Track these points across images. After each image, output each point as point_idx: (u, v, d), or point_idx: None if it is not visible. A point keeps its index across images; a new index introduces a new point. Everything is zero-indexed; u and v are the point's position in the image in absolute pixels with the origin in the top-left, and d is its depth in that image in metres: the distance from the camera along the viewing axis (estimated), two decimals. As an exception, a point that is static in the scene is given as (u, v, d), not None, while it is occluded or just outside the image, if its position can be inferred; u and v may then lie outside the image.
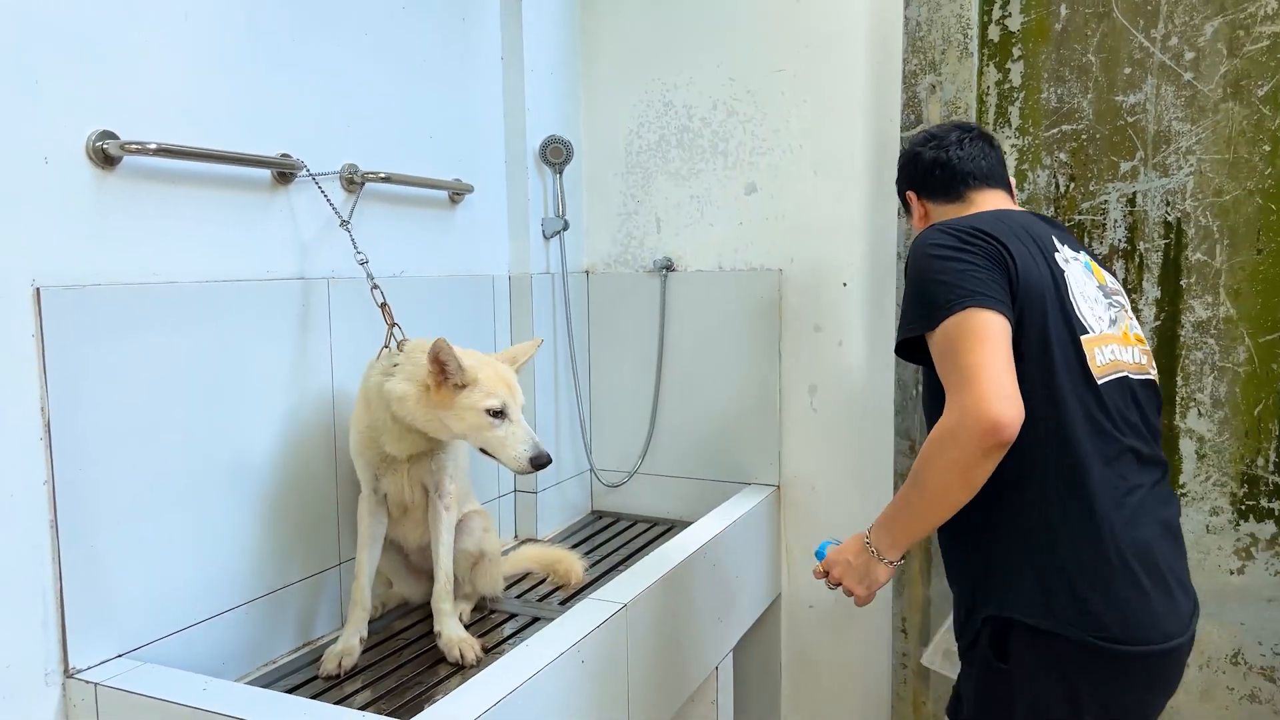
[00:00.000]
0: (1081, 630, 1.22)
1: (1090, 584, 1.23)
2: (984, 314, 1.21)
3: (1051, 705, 1.26)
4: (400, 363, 1.57)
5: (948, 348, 1.22)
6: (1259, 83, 1.92)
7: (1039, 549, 1.26)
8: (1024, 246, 1.31)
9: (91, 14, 1.34)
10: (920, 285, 1.30)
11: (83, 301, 1.33)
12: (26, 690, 1.29)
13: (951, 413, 1.19)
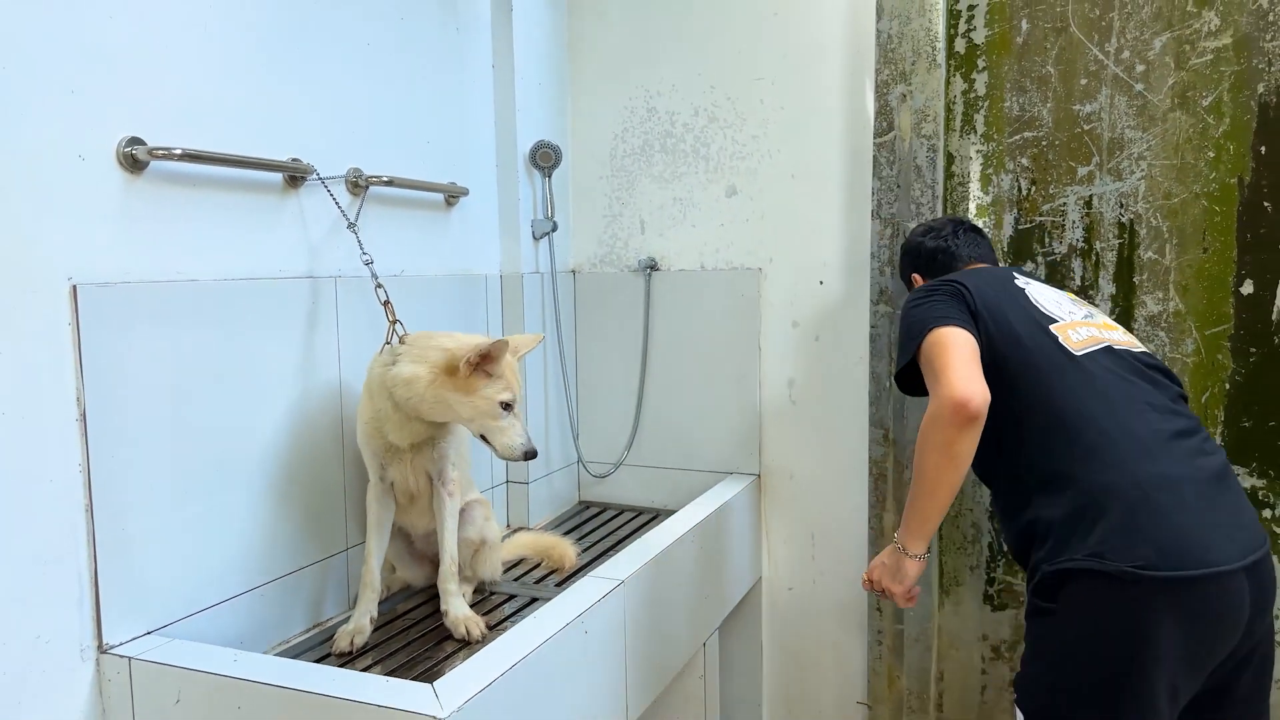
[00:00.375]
0: (1119, 561, 1.31)
1: (1117, 518, 1.34)
2: (946, 329, 1.52)
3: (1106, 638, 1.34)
4: (402, 352, 1.66)
5: (926, 362, 1.53)
6: (1203, 94, 2.07)
7: (1060, 498, 1.40)
8: (980, 281, 1.64)
9: (120, 27, 1.43)
10: (903, 329, 1.64)
11: (114, 298, 1.41)
12: (63, 665, 1.37)
13: (930, 405, 1.48)
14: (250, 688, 1.32)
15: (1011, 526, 1.55)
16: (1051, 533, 1.41)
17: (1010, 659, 2.35)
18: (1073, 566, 1.36)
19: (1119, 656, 1.33)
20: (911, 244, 2.01)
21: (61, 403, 1.35)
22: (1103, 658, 1.34)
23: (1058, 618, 1.39)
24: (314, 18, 1.80)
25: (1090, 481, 1.39)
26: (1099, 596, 1.34)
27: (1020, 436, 1.48)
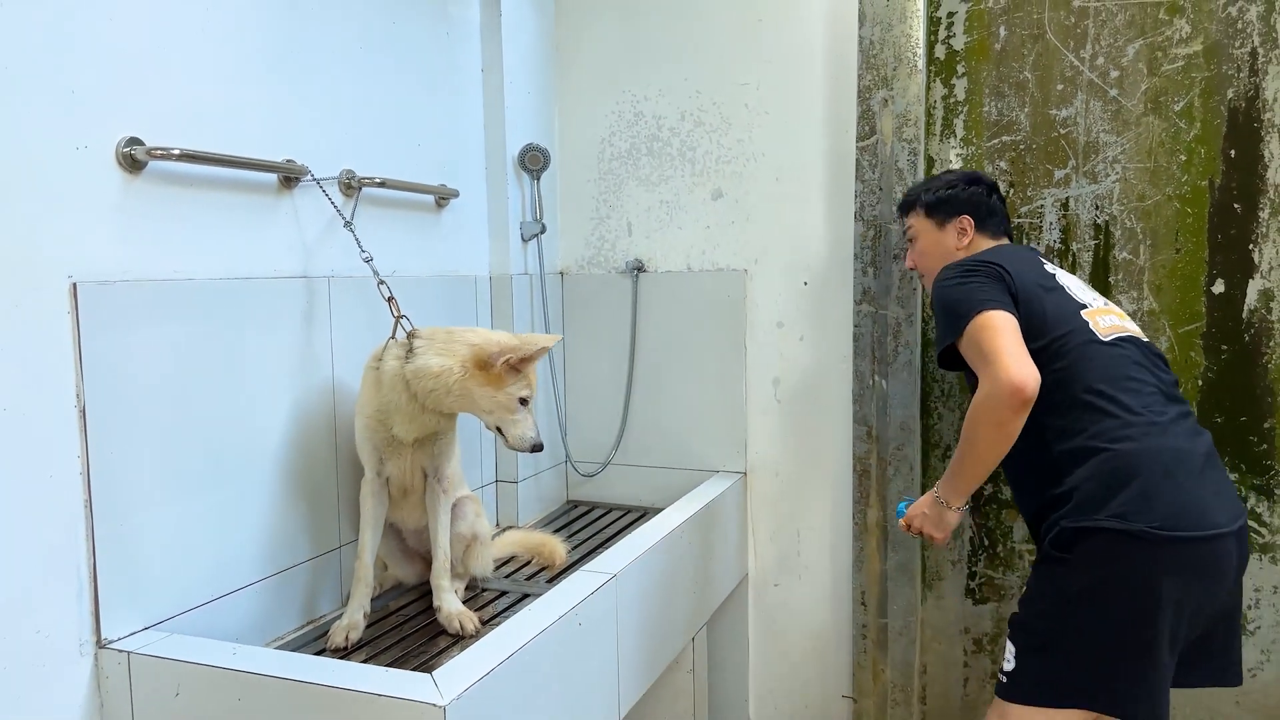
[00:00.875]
0: (1136, 522, 1.49)
1: (1141, 486, 1.52)
2: (993, 313, 1.60)
3: (1112, 587, 1.52)
4: (421, 345, 1.69)
5: (972, 343, 1.61)
6: (1175, 99, 2.13)
7: (1096, 466, 1.55)
8: (1018, 264, 1.73)
9: (119, 29, 1.45)
10: (944, 309, 1.70)
11: (113, 296, 1.43)
12: (62, 660, 1.38)
13: (984, 385, 1.57)
14: (250, 679, 1.34)
15: (1035, 491, 1.67)
16: (1074, 496, 1.56)
17: (991, 651, 2.40)
18: (1093, 525, 1.52)
19: (1130, 606, 1.51)
20: (976, 194, 1.95)
21: (61, 399, 1.37)
22: (1112, 605, 1.52)
23: (1070, 566, 1.55)
24: (308, 21, 1.83)
25: (1116, 453, 1.55)
26: (1118, 552, 1.51)
27: (1052, 410, 1.60)
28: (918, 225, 2.01)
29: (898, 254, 2.30)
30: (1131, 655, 1.52)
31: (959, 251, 1.92)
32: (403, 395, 1.69)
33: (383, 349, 1.78)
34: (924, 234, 2.00)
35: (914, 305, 2.33)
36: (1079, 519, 1.54)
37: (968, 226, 1.94)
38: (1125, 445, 1.55)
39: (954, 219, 1.95)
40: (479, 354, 1.67)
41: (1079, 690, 1.55)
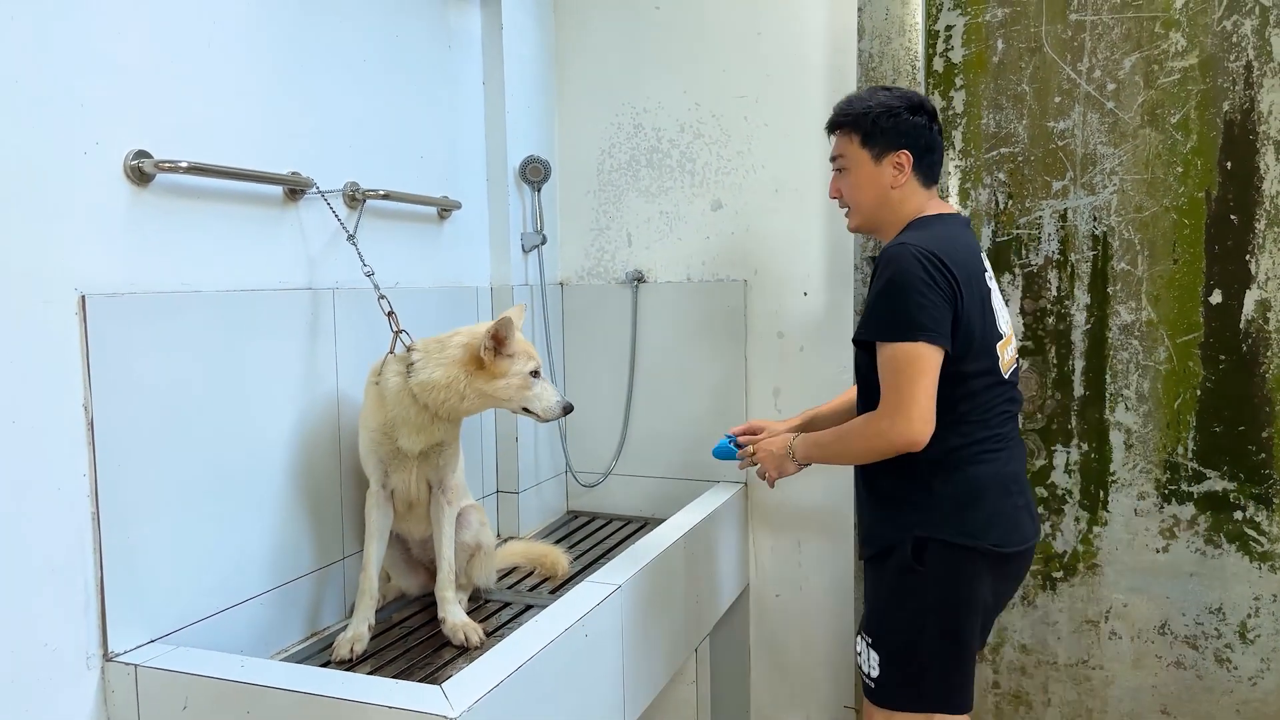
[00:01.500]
0: (984, 540, 1.63)
1: (990, 507, 1.65)
2: (929, 350, 1.55)
3: (957, 598, 1.65)
4: (419, 359, 1.69)
5: (896, 366, 1.56)
6: (1171, 111, 2.16)
7: (955, 485, 1.64)
8: (969, 275, 1.62)
9: (128, 44, 1.45)
10: (891, 299, 1.57)
11: (121, 308, 1.43)
12: (69, 673, 1.38)
13: (885, 419, 1.57)
14: (258, 692, 1.34)
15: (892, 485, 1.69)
16: (931, 505, 1.64)
17: (993, 661, 2.40)
18: (945, 540, 1.63)
19: (969, 613, 1.67)
20: (918, 124, 1.70)
21: (70, 411, 1.37)
22: (958, 614, 1.66)
23: (924, 579, 1.65)
24: (313, 35, 1.84)
25: (973, 474, 1.64)
26: (964, 567, 1.64)
27: (944, 423, 1.60)
28: (850, 153, 1.72)
29: (898, 265, 2.31)
30: (968, 656, 1.70)
31: (893, 190, 1.70)
32: (410, 409, 1.70)
33: (381, 364, 1.79)
34: (858, 166, 1.72)
35: (914, 316, 2.34)
36: (933, 530, 1.63)
37: (905, 162, 1.69)
38: (981, 468, 1.64)
39: (891, 153, 1.69)
40: (471, 353, 1.70)
41: (934, 693, 1.69)
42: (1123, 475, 2.26)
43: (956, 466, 1.63)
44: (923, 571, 1.64)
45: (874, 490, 1.74)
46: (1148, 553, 2.26)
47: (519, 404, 1.75)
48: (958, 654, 1.68)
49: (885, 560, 1.71)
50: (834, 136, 1.77)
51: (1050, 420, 2.31)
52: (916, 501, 1.65)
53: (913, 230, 1.67)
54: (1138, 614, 2.28)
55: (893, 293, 1.56)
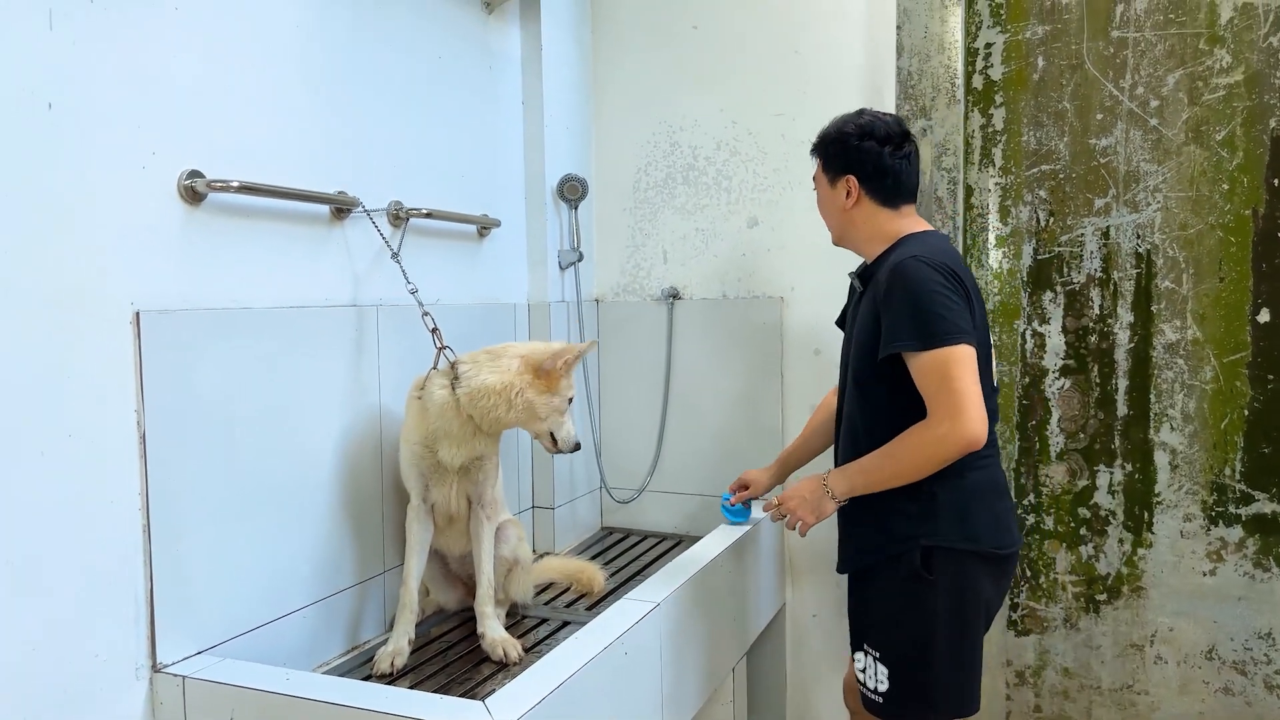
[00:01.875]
0: (985, 544, 1.67)
1: (988, 512, 1.68)
2: (968, 349, 1.56)
3: (964, 602, 1.68)
4: (468, 369, 1.73)
5: (943, 371, 1.55)
6: (1217, 128, 2.13)
7: (956, 492, 1.65)
8: (972, 286, 1.68)
9: (182, 66, 1.49)
10: (918, 310, 1.58)
11: (174, 324, 1.46)
12: (118, 684, 1.40)
13: (943, 423, 1.55)
14: (304, 705, 1.35)
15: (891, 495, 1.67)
16: (932, 513, 1.66)
17: (1035, 685, 2.37)
18: (950, 546, 1.65)
19: (975, 616, 1.70)
20: (870, 150, 1.73)
21: (123, 425, 1.39)
22: (963, 615, 1.68)
23: (932, 587, 1.66)
24: (359, 57, 1.87)
25: (971, 480, 1.66)
26: (968, 570, 1.67)
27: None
28: (817, 175, 1.84)
29: (937, 282, 2.30)
30: (977, 659, 1.73)
31: (847, 211, 1.77)
32: (454, 421, 1.72)
33: (424, 379, 1.81)
34: (820, 187, 1.83)
35: (953, 334, 2.32)
36: (938, 538, 1.65)
37: (853, 188, 1.75)
38: (978, 474, 1.67)
39: (841, 177, 1.76)
40: (532, 363, 1.74)
41: (947, 700, 1.70)
42: (1168, 496, 2.23)
43: (957, 474, 1.63)
44: (931, 579, 1.66)
45: (874, 502, 1.71)
46: (1194, 576, 2.21)
47: (548, 426, 1.79)
48: (969, 659, 1.71)
49: (888, 571, 1.71)
50: (816, 159, 1.86)
51: (1093, 440, 2.29)
52: (918, 510, 1.66)
53: (907, 245, 1.70)
54: (1184, 638, 2.23)
55: (918, 303, 1.58)
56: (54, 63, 1.29)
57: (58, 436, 1.30)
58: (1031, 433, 2.35)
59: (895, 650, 1.72)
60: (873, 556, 1.75)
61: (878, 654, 1.74)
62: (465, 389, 1.71)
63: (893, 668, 1.72)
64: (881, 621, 1.75)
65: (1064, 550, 2.33)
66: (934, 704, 1.71)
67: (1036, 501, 2.35)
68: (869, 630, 1.77)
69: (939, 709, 1.71)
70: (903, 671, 1.71)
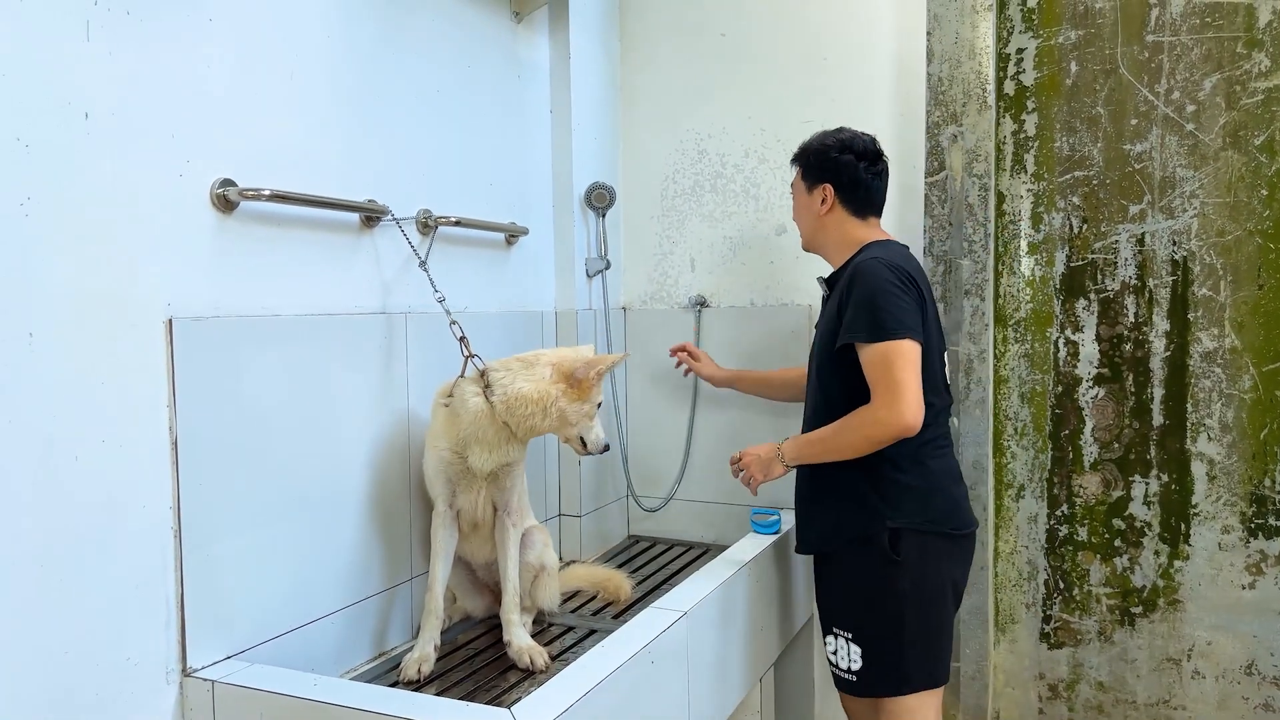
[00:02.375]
0: (946, 525, 1.82)
1: (947, 496, 1.84)
2: (913, 345, 1.72)
3: (930, 581, 1.82)
4: (502, 376, 1.75)
5: (886, 361, 1.71)
6: (1255, 133, 2.09)
7: (919, 478, 1.81)
8: (926, 290, 1.85)
9: (216, 75, 1.51)
10: (872, 306, 1.75)
11: (206, 331, 1.47)
12: (149, 687, 1.41)
13: (882, 409, 1.71)
14: (333, 710, 1.35)
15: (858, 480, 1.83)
16: (897, 497, 1.80)
17: (1069, 699, 2.33)
18: (914, 528, 1.79)
19: (939, 591, 1.84)
20: (848, 164, 1.92)
21: (156, 431, 1.41)
22: (931, 593, 1.82)
23: (899, 568, 1.79)
24: (389, 67, 1.89)
25: (932, 468, 1.83)
26: (932, 550, 1.81)
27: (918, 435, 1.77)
28: (795, 183, 2.03)
29: (969, 289, 2.27)
30: (947, 633, 1.87)
31: (821, 217, 1.95)
32: (488, 427, 1.72)
33: (451, 385, 1.81)
34: (797, 194, 2.02)
35: (985, 341, 2.30)
36: (904, 521, 1.79)
37: (828, 196, 1.93)
38: (937, 462, 1.84)
39: (819, 185, 1.95)
40: (564, 372, 1.75)
41: (918, 674, 1.83)
42: (1205, 508, 2.18)
43: (919, 461, 1.81)
44: (899, 560, 1.79)
45: (838, 486, 1.86)
46: (1233, 589, 2.17)
47: (579, 431, 1.81)
48: (938, 633, 1.85)
49: (855, 554, 1.84)
50: (794, 168, 2.05)
51: (1128, 450, 2.25)
52: (884, 495, 1.81)
53: (869, 251, 1.86)
54: (1222, 653, 2.18)
55: (873, 299, 1.75)
56: (91, 73, 1.31)
57: (91, 442, 1.32)
58: (1065, 442, 2.31)
59: (867, 630, 1.85)
60: (834, 540, 1.89)
61: (849, 635, 1.87)
62: (500, 396, 1.72)
63: (865, 647, 1.85)
64: (852, 604, 1.87)
65: (1098, 562, 2.29)
66: (907, 678, 1.83)
67: (1070, 512, 2.31)
68: (839, 613, 1.90)
69: (912, 682, 1.83)
70: (875, 650, 1.84)
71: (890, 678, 1.84)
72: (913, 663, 1.83)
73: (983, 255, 2.26)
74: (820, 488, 1.90)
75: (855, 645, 1.86)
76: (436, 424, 1.82)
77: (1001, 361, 2.36)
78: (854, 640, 1.86)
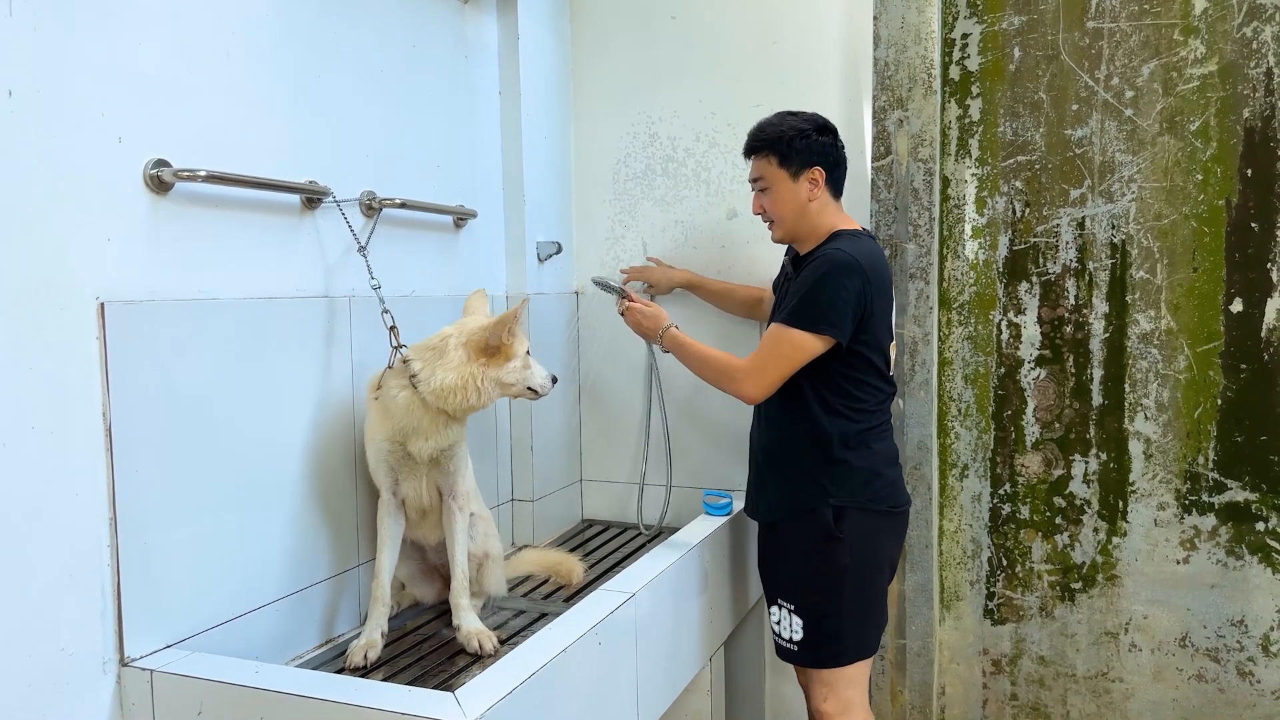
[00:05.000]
0: (884, 504, 1.92)
1: (887, 477, 1.94)
2: (817, 341, 1.82)
3: (868, 556, 1.92)
4: (420, 369, 1.72)
5: (782, 346, 1.84)
6: (1190, 119, 2.14)
7: (864, 460, 1.90)
8: (884, 287, 1.90)
9: (148, 53, 1.47)
10: (814, 296, 1.82)
11: (140, 316, 1.44)
12: (85, 678, 1.38)
13: (745, 374, 1.88)
14: (273, 698, 1.34)
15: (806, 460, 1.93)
16: (844, 475, 1.89)
17: (1011, 673, 2.38)
18: (858, 505, 1.89)
19: (876, 566, 1.94)
20: (832, 145, 1.96)
21: (88, 417, 1.38)
22: (869, 567, 1.93)
23: (842, 544, 1.88)
24: (331, 46, 1.85)
25: (878, 450, 1.93)
26: (872, 527, 1.91)
27: (853, 409, 1.91)
28: (770, 174, 1.97)
29: (914, 273, 2.30)
30: (882, 606, 1.98)
31: (811, 203, 1.94)
32: (423, 417, 1.71)
33: (379, 378, 1.80)
34: (778, 184, 1.96)
35: (930, 324, 2.33)
36: (848, 499, 1.89)
37: (819, 178, 1.93)
38: (880, 445, 1.94)
39: (807, 170, 1.93)
40: (478, 345, 1.74)
41: (855, 645, 1.93)
42: (1142, 485, 2.24)
43: (864, 444, 1.91)
44: (840, 537, 1.88)
45: (791, 462, 1.95)
46: (1168, 564, 2.23)
47: (523, 384, 1.82)
48: (873, 607, 1.96)
49: (799, 530, 1.93)
50: (752, 160, 2.01)
51: (1068, 430, 2.30)
52: (832, 475, 1.90)
53: (840, 241, 1.90)
54: (1158, 626, 2.25)
55: (816, 289, 1.82)
56: (14, 49, 1.27)
57: (20, 429, 1.28)
58: (1007, 422, 2.36)
59: (808, 602, 1.94)
60: (781, 513, 1.98)
61: (792, 607, 1.95)
62: (429, 388, 1.70)
63: (806, 618, 1.93)
64: (798, 577, 1.95)
65: (1040, 539, 2.34)
66: (844, 649, 1.93)
67: (1012, 491, 2.36)
68: (783, 586, 1.99)
69: (848, 653, 1.93)
70: (816, 621, 1.93)
71: (829, 648, 1.93)
72: (850, 634, 1.93)
73: (928, 239, 2.29)
74: (774, 462, 2.00)
75: (797, 617, 1.95)
76: (371, 417, 1.80)
77: (946, 344, 2.40)
78: (796, 612, 1.95)
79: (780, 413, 1.97)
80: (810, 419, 1.91)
